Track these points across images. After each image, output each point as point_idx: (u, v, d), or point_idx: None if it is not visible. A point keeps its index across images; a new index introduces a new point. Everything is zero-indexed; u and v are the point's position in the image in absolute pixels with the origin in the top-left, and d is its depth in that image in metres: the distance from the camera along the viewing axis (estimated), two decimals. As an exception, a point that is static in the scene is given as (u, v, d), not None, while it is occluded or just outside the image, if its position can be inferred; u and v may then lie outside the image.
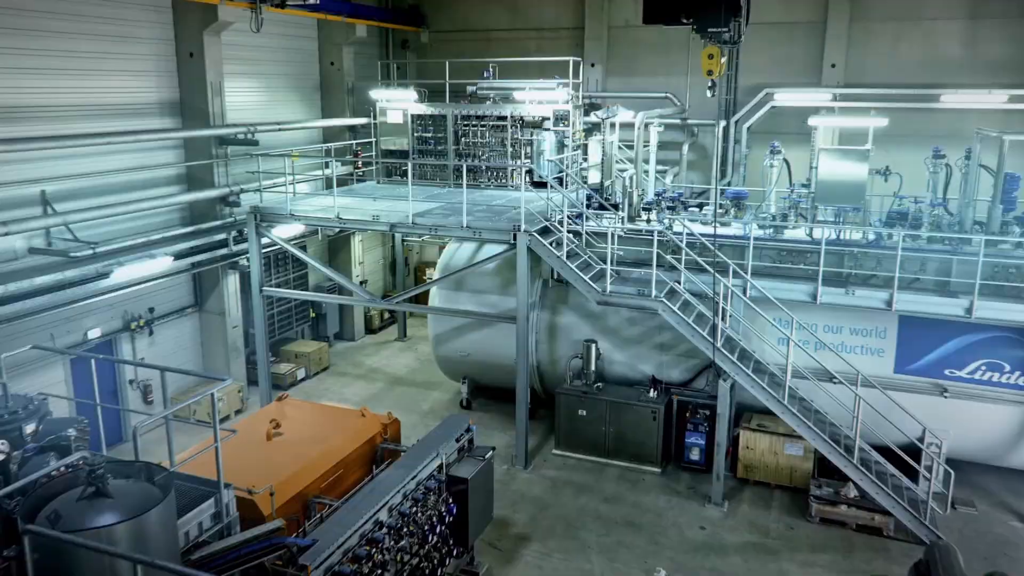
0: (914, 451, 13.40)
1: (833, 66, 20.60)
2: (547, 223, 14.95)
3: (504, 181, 19.98)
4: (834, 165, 14.83)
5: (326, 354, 20.86)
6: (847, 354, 14.35)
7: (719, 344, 13.64)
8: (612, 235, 14.12)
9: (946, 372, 14.23)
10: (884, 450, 13.71)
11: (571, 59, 19.14)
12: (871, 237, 14.60)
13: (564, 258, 14.33)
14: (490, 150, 20.10)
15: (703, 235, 14.24)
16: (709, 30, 13.38)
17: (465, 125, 20.12)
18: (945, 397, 14.12)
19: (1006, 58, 19.61)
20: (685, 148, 21.60)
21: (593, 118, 17.46)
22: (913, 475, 13.39)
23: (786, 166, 16.99)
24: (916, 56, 20.36)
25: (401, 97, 20.45)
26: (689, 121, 21.63)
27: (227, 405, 17.35)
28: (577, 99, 19.30)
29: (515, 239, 14.55)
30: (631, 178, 16.31)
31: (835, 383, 13.81)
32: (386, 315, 24.36)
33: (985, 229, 14.30)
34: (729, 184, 20.87)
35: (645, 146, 17.47)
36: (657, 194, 17.11)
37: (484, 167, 20.10)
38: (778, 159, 16.82)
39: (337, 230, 20.55)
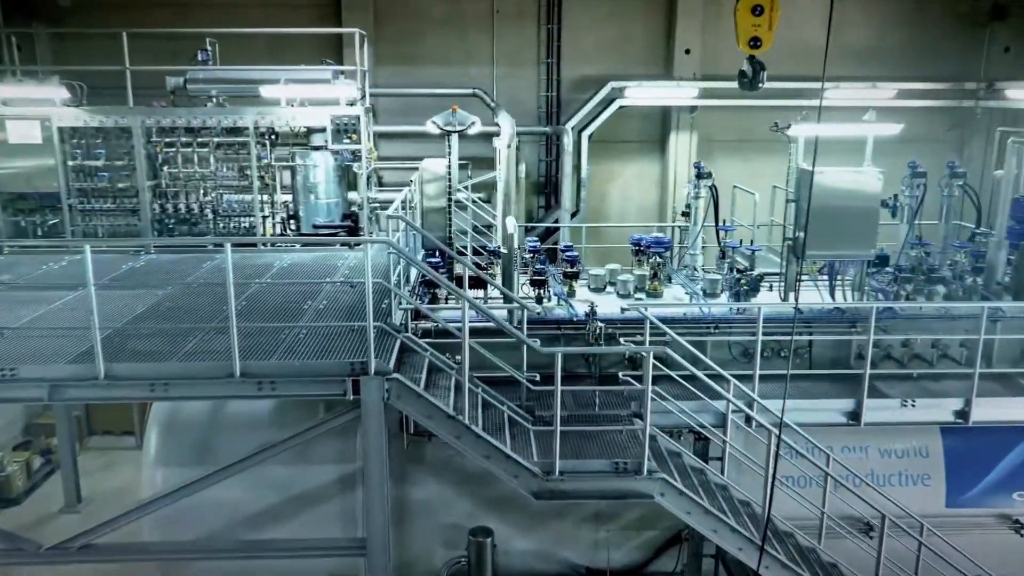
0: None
1: (688, 52, 15.63)
2: (390, 329, 7.57)
3: (252, 233, 11.79)
4: (834, 194, 9.49)
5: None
6: (883, 486, 9.17)
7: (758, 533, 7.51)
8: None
9: (1016, 496, 9.71)
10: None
11: (355, 32, 11.58)
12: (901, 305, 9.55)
13: (455, 413, 7.08)
14: (217, 184, 11.76)
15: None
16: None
17: (168, 144, 11.52)
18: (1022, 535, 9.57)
19: (871, 46, 16.27)
20: (511, 168, 15.09)
21: (431, 128, 10.19)
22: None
23: (711, 196, 11.35)
24: (775, 42, 16.13)
25: (34, 96, 11.17)
26: (519, 130, 15.18)
27: None
28: (365, 99, 11.80)
29: (356, 389, 6.93)
30: (509, 223, 9.48)
31: (873, 536, 8.65)
32: None
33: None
34: (577, 213, 14.92)
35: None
36: (531, 249, 10.48)
37: (212, 212, 11.71)
38: (705, 187, 11.16)
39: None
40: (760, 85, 7.50)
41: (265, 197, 11.87)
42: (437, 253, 10.09)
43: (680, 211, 14.05)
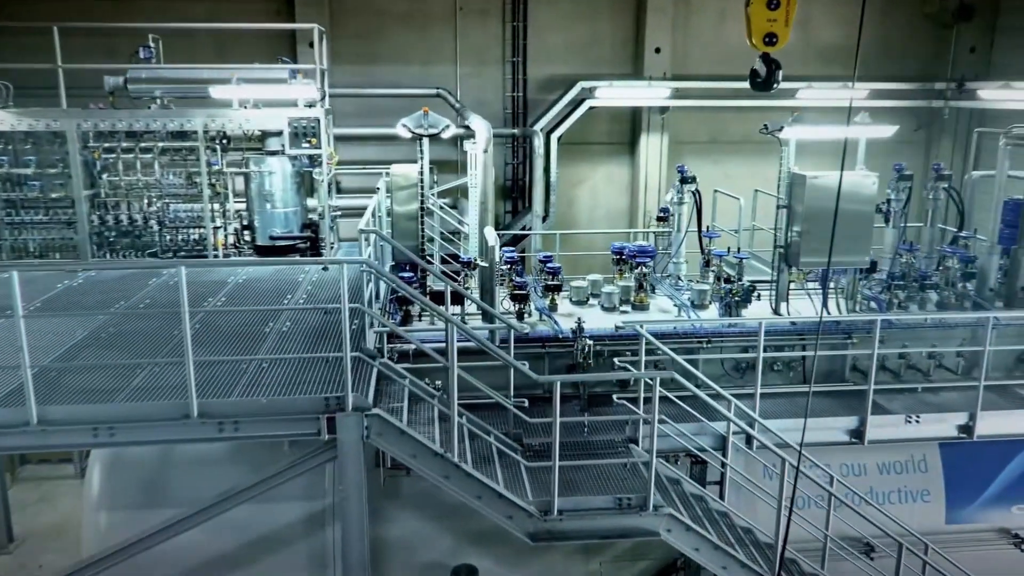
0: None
1: (658, 51, 15.14)
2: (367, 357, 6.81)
3: (202, 247, 10.87)
4: (830, 199, 9.01)
5: None
6: (883, 504, 8.78)
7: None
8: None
9: (1015, 510, 9.41)
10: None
11: (312, 27, 10.74)
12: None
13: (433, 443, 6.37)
14: (163, 193, 10.80)
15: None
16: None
17: (108, 150, 10.52)
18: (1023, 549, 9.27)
19: (840, 45, 16.03)
20: (488, 174, 14.40)
21: (401, 132, 9.39)
22: None
23: (695, 202, 10.81)
24: (741, 42, 15.74)
25: (-48, 96, 10.08)
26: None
27: None
28: (325, 100, 10.97)
29: (332, 428, 6.16)
30: (489, 235, 8.78)
31: (874, 557, 8.29)
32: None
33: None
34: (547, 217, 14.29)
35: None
36: (508, 260, 9.81)
37: (158, 223, 10.75)
38: (689, 192, 10.64)
39: None
40: (776, 85, 6.93)
41: (216, 206, 10.96)
42: (409, 266, 9.33)
43: (655, 215, 13.57)
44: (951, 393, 9.19)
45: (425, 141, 9.11)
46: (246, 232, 11.20)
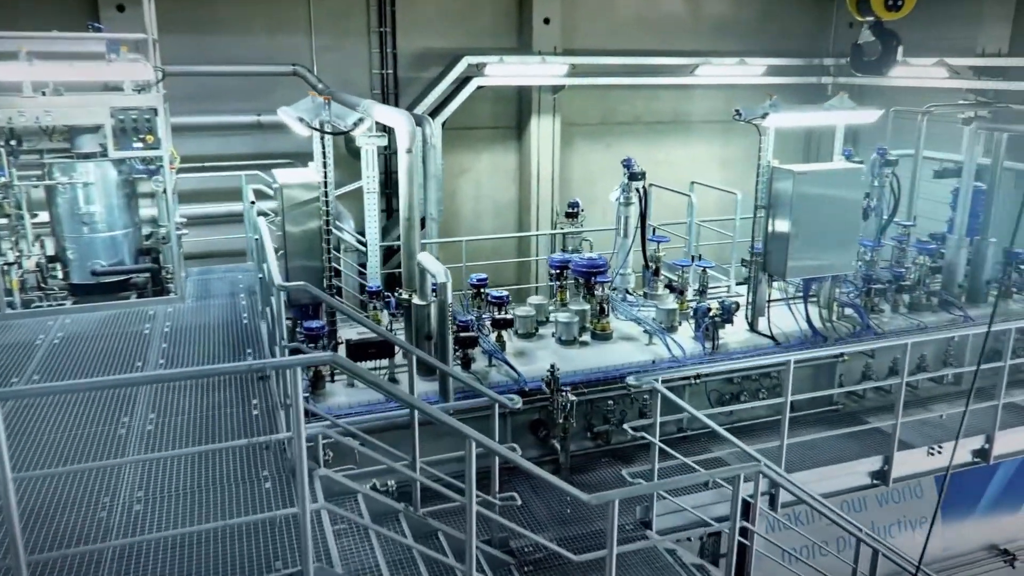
0: None
1: (547, 22, 13.24)
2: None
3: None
4: (817, 198, 7.66)
5: None
6: (887, 538, 7.73)
7: None
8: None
9: (1004, 522, 8.73)
10: None
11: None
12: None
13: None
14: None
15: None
16: None
17: None
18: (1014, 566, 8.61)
19: (729, 19, 15.00)
20: (414, 180, 11.83)
21: (295, 127, 6.75)
22: None
23: (640, 200, 9.08)
24: (631, 14, 14.34)
25: None
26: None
27: None
28: (159, 84, 8.07)
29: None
30: (435, 268, 6.55)
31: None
32: None
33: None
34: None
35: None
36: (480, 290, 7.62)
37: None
38: (636, 189, 8.93)
39: None
40: (895, 62, 5.26)
41: (6, 233, 7.81)
42: (311, 309, 6.87)
43: (563, 212, 11.82)
44: (939, 404, 8.33)
45: (328, 139, 6.63)
46: (54, 266, 8.11)
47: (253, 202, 7.73)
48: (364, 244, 9.43)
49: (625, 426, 6.07)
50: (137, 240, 8.46)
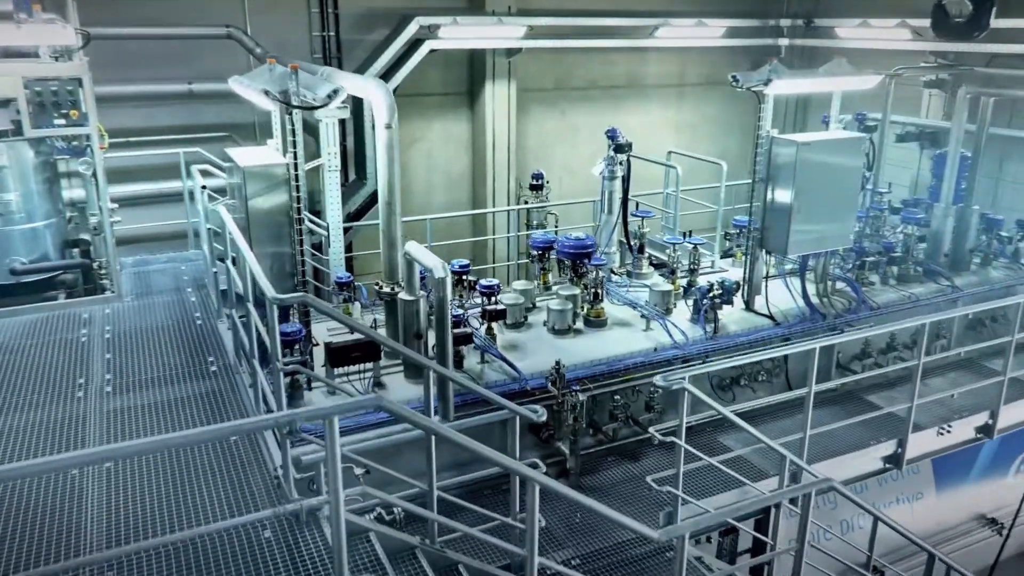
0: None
1: (501, -20, 12.38)
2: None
3: None
4: (820, 169, 7.23)
5: None
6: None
7: None
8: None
9: (994, 488, 8.71)
10: None
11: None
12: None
13: None
14: None
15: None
16: None
17: None
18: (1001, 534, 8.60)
19: (681, -23, 14.41)
20: (393, 162, 10.76)
21: (258, 100, 5.79)
22: None
23: (623, 175, 8.47)
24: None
25: None
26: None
27: None
28: (82, 50, 6.95)
29: None
30: (433, 263, 5.81)
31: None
32: None
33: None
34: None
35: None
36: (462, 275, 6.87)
37: None
38: (621, 162, 8.31)
39: None
40: (985, 30, 4.72)
41: (-98, 228, 6.64)
42: (283, 310, 6.02)
43: (528, 184, 11.14)
44: (937, 379, 8.17)
45: (297, 115, 5.74)
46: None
47: (204, 187, 6.74)
48: (322, 226, 8.52)
49: (651, 430, 5.51)
50: (62, 231, 7.36)
